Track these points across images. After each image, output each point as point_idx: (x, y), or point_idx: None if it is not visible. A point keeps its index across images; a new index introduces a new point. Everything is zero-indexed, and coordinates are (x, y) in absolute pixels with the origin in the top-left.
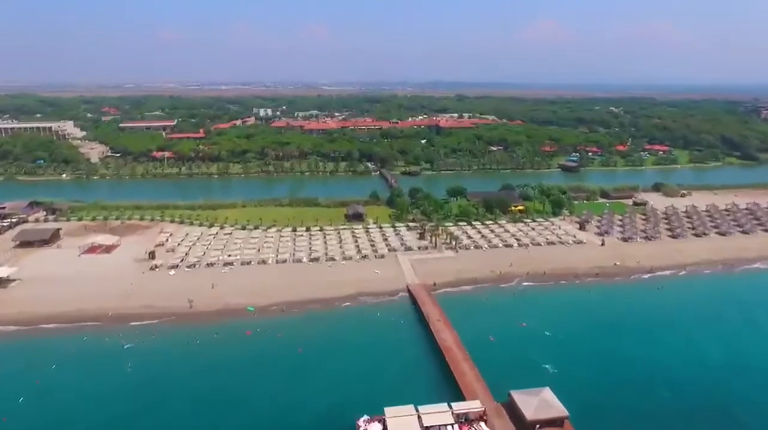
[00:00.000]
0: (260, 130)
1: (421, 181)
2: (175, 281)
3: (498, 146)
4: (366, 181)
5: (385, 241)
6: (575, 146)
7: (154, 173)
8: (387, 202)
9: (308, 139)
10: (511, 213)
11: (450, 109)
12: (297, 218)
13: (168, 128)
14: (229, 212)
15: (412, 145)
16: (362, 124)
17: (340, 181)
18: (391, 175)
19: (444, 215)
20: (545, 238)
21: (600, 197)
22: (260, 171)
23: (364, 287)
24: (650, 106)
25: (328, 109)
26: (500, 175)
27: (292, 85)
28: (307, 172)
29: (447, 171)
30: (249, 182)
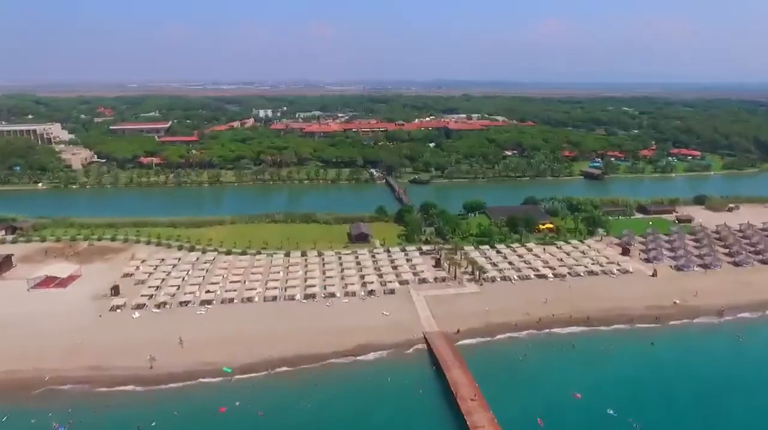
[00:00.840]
0: (258, 133)
1: (431, 191)
2: (138, 328)
3: (512, 151)
4: (370, 191)
5: (395, 269)
6: (596, 151)
7: (139, 182)
8: (395, 219)
9: (308, 144)
10: (539, 233)
11: (457, 109)
12: (292, 238)
13: (162, 131)
14: (214, 231)
15: (420, 150)
16: (366, 126)
17: (342, 190)
18: (398, 185)
19: (462, 235)
20: (584, 266)
21: (637, 212)
22: (255, 179)
23: (371, 336)
24: (665, 106)
25: (330, 109)
26: (518, 185)
27: (295, 84)
28: (306, 180)
29: (459, 179)
30: (242, 192)
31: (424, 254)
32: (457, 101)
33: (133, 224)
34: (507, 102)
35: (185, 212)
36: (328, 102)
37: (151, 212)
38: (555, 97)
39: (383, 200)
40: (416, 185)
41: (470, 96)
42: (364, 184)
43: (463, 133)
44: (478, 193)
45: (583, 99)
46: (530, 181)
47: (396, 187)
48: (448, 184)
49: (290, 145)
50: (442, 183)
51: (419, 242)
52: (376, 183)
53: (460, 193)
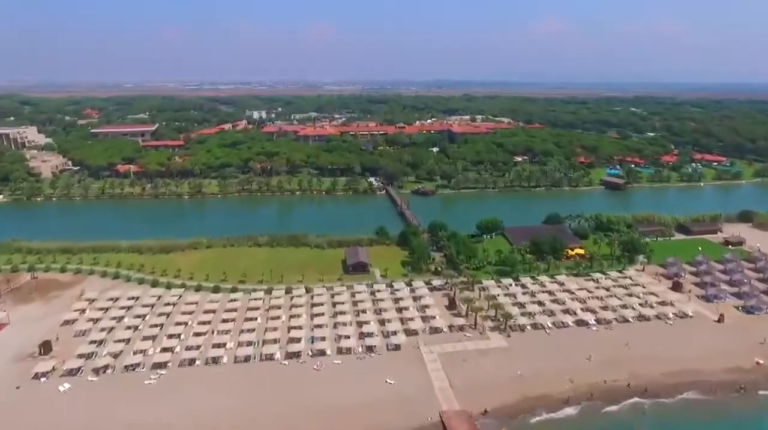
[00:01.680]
0: (249, 137)
1: (436, 203)
2: (62, 409)
3: (522, 156)
4: (369, 204)
5: (400, 313)
6: (613, 156)
7: (112, 193)
8: (399, 241)
9: (302, 149)
10: (569, 259)
11: (459, 109)
12: (277, 268)
13: (147, 134)
14: (186, 258)
15: (423, 156)
16: (364, 129)
17: (337, 203)
18: (400, 197)
19: (478, 264)
20: (631, 307)
21: (676, 232)
22: (241, 190)
23: (372, 418)
24: (673, 106)
25: (327, 110)
26: (533, 196)
27: (293, 84)
28: (298, 191)
29: (467, 190)
30: (225, 205)
31: (435, 290)
32: (458, 102)
33: (92, 249)
34: (509, 102)
35: (157, 232)
36: (325, 103)
37: (118, 232)
38: (556, 97)
39: (383, 215)
40: (420, 197)
41: (471, 96)
42: (362, 195)
43: (468, 136)
44: (489, 207)
45: (587, 99)
46: (546, 191)
47: (398, 199)
48: (454, 195)
49: (282, 151)
50: (449, 194)
51: (427, 273)
52: (376, 194)
53: (469, 207)
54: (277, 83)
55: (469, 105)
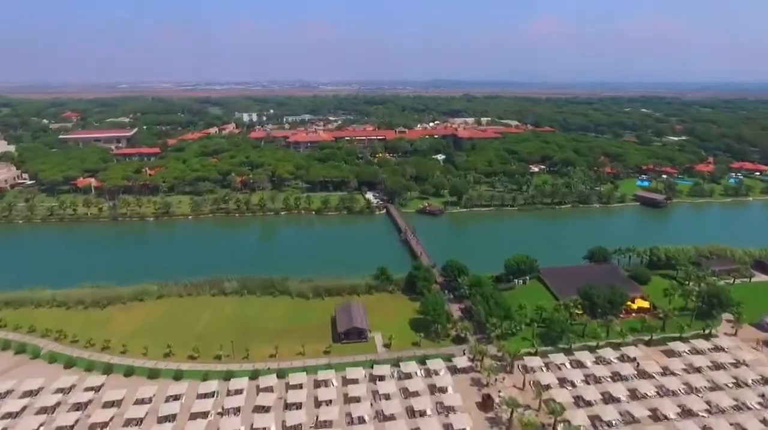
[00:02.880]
0: (234, 143)
1: (446, 226)
2: None
3: (538, 165)
4: (367, 226)
5: (413, 418)
6: (641, 166)
7: (62, 215)
8: (405, 286)
9: (290, 158)
10: (630, 315)
11: (461, 111)
12: (244, 331)
13: (123, 140)
14: (126, 316)
15: (428, 167)
16: (361, 133)
17: (329, 225)
18: (403, 219)
19: (514, 326)
20: (742, 403)
21: (754, 269)
22: (216, 210)
23: None
24: (684, 107)
25: (322, 112)
26: (558, 216)
27: (289, 84)
28: (283, 210)
29: (481, 208)
30: (196, 230)
31: (459, 373)
32: (459, 102)
33: (4, 302)
34: (512, 103)
35: (99, 272)
36: (320, 104)
37: (48, 274)
38: (558, 97)
39: (384, 244)
40: (426, 217)
41: (472, 96)
42: (358, 215)
43: (475, 142)
44: (510, 233)
45: (591, 99)
46: (572, 209)
47: (401, 223)
48: (467, 214)
49: (267, 161)
50: (460, 214)
51: (446, 339)
52: (375, 214)
53: (485, 231)
54: (274, 83)
55: (471, 106)
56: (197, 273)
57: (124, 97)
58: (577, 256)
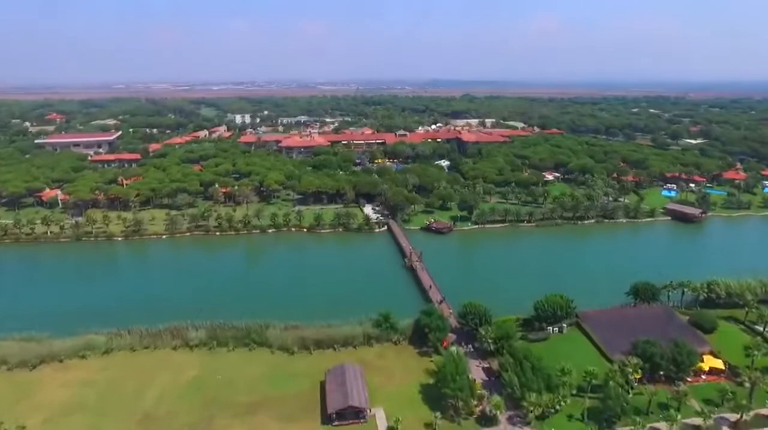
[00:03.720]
0: (222, 148)
1: (455, 246)
2: None
3: (552, 173)
4: (365, 248)
5: None
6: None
7: (17, 235)
8: (413, 336)
9: (282, 166)
10: (700, 377)
11: (463, 112)
12: (209, 402)
13: (104, 145)
14: (60, 380)
15: (433, 176)
16: (359, 137)
17: (323, 246)
18: (408, 240)
19: (557, 401)
20: None
21: None
22: (195, 227)
23: None
24: (692, 107)
25: (318, 113)
26: (581, 233)
27: (286, 84)
28: (270, 227)
29: (494, 224)
30: (169, 252)
31: None
32: (460, 103)
33: None
34: (514, 103)
35: (41, 315)
36: (317, 104)
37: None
38: (560, 96)
39: (386, 272)
40: (433, 236)
41: (473, 96)
42: (355, 233)
43: (481, 146)
44: (530, 256)
45: (597, 99)
46: (596, 225)
47: (405, 245)
48: (478, 232)
49: (256, 169)
50: (470, 231)
51: (469, 418)
52: (374, 231)
53: (502, 253)
54: (271, 83)
55: (473, 106)
56: (160, 314)
57: (116, 98)
58: (615, 289)
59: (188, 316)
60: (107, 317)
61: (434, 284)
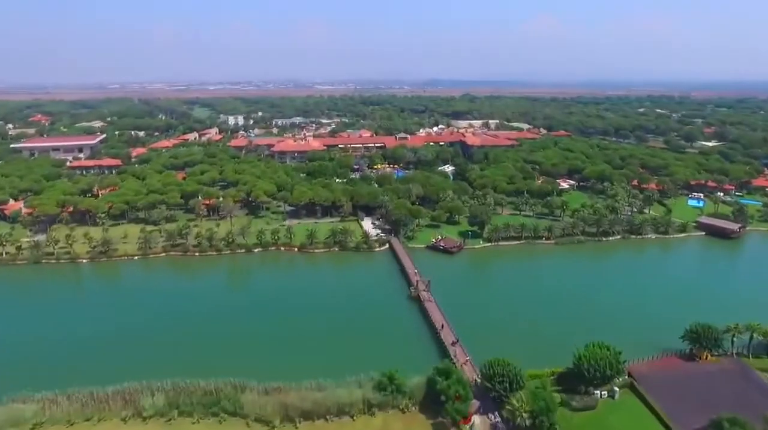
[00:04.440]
0: (209, 153)
1: (466, 269)
2: None
3: (566, 180)
4: (364, 271)
5: None
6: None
7: None
8: (425, 402)
9: (273, 173)
10: None
11: (464, 112)
12: None
13: (85, 149)
14: None
15: (438, 185)
16: (357, 140)
17: (315, 270)
18: (412, 262)
19: None
20: None
21: None
22: (171, 246)
23: None
24: (699, 107)
25: (315, 114)
26: (606, 251)
27: (283, 84)
28: (257, 246)
29: (508, 242)
30: (137, 281)
31: None
32: (461, 103)
33: None
34: (516, 103)
35: None
36: (314, 105)
37: None
38: (561, 96)
39: (388, 303)
40: (440, 256)
41: (473, 96)
42: (353, 252)
43: (488, 150)
44: (553, 281)
45: (599, 99)
46: (622, 242)
47: (409, 269)
48: (491, 250)
49: (244, 178)
50: (482, 250)
51: None
52: (374, 251)
53: (520, 278)
54: (268, 83)
55: (473, 107)
56: (113, 370)
57: (108, 98)
58: (660, 326)
59: (147, 372)
60: (45, 373)
61: (446, 321)
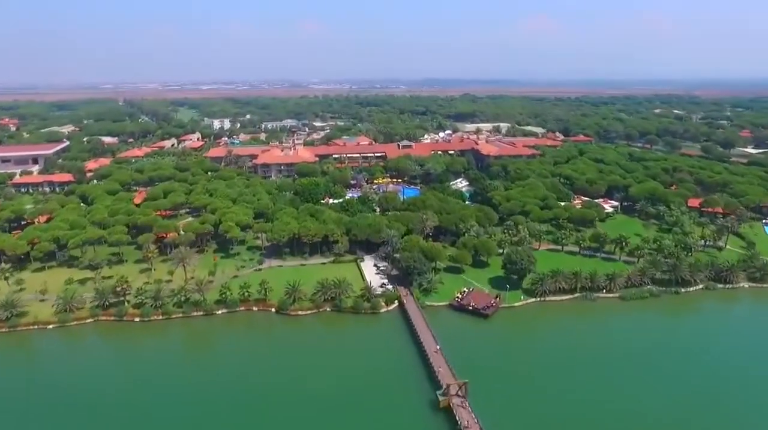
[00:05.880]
0: (182, 166)
1: (507, 339)
2: None
3: (607, 201)
4: (367, 350)
5: None
6: (759, 202)
7: None
8: None
9: (253, 193)
10: None
11: (469, 114)
12: None
13: (40, 160)
14: None
15: (455, 211)
16: (354, 149)
17: (299, 346)
18: (434, 339)
19: None
20: None
21: None
22: (102, 310)
23: None
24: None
25: (308, 116)
26: (688, 309)
27: (278, 84)
28: (221, 307)
29: (558, 297)
30: (58, 356)
31: None
32: (462, 104)
33: None
34: (520, 103)
35: None
36: (307, 106)
37: None
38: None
39: (403, 411)
40: (469, 318)
41: (474, 97)
42: (350, 315)
43: (506, 161)
44: (627, 349)
45: (606, 99)
46: (705, 295)
47: (435, 357)
48: (536, 308)
49: (215, 203)
50: (525, 307)
51: None
52: (379, 312)
53: (585, 357)
54: (263, 83)
55: (476, 107)
56: None
57: (92, 99)
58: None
59: None
60: None
61: None
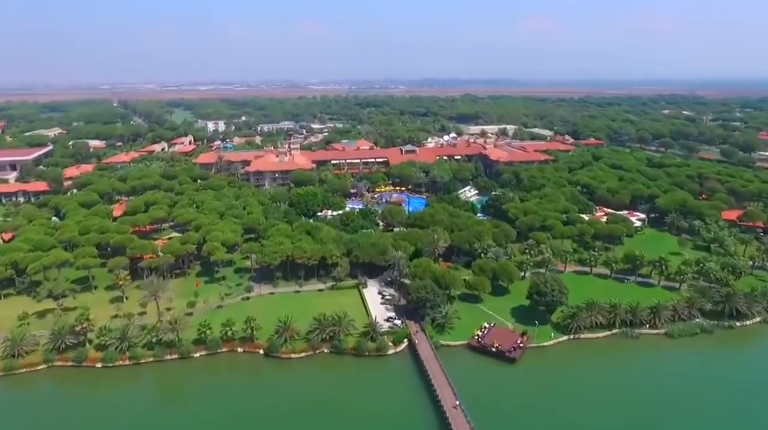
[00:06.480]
0: (168, 174)
1: (536, 385)
2: None
3: (633, 213)
4: (369, 403)
5: None
6: None
7: None
8: None
9: (244, 205)
10: None
11: (472, 116)
12: None
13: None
14: None
15: (470, 227)
16: (354, 154)
17: (293, 396)
18: (453, 393)
19: None
20: None
21: None
22: (58, 353)
23: None
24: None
25: (306, 117)
26: (748, 351)
27: (277, 84)
28: (201, 349)
29: (594, 334)
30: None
31: None
32: (463, 104)
33: None
34: (521, 104)
35: None
36: (305, 107)
37: None
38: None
39: None
40: (490, 362)
41: (475, 97)
42: (352, 359)
43: (517, 168)
44: (680, 400)
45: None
46: (762, 327)
47: (459, 424)
48: (569, 348)
49: (200, 219)
50: (556, 348)
51: None
52: (385, 353)
53: (626, 400)
54: (261, 83)
55: (478, 108)
56: None
57: (86, 100)
58: None
59: None
60: None
61: None
